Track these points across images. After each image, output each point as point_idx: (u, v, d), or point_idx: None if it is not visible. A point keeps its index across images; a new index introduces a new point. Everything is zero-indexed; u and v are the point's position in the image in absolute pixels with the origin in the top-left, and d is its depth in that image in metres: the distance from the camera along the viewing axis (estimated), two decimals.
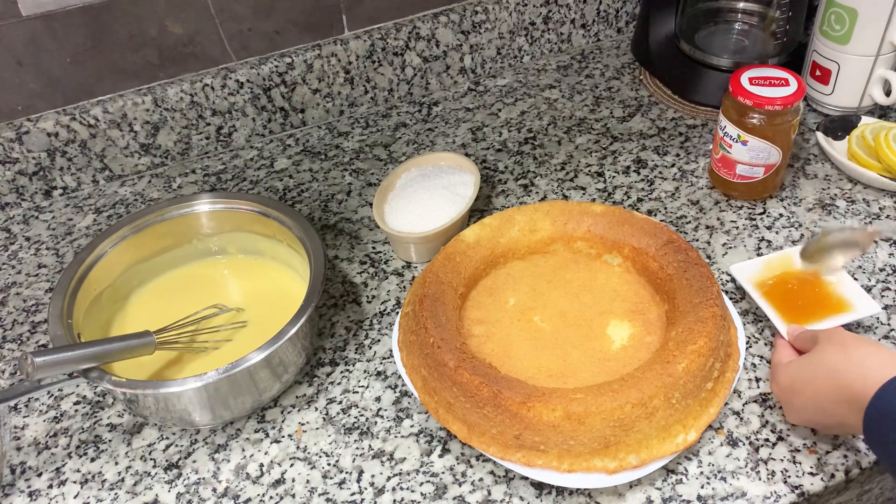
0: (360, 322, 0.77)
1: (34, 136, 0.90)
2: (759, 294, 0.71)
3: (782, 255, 0.74)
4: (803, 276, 0.72)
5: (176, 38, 0.91)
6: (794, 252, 0.73)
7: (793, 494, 0.61)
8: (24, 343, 0.79)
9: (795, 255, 0.73)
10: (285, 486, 0.64)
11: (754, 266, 0.73)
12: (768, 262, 0.73)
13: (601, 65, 1.09)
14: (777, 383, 0.63)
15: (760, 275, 0.73)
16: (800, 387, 0.60)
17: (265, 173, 0.96)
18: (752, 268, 0.73)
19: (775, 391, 0.63)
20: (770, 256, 0.74)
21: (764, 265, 0.73)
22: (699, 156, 0.92)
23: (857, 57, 0.89)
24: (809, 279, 0.72)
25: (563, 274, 0.74)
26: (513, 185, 0.91)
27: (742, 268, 0.73)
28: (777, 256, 0.74)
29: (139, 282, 0.78)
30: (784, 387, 0.62)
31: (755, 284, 0.72)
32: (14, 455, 0.69)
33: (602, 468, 0.59)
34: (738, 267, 0.73)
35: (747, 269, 0.73)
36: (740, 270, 0.73)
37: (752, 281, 0.72)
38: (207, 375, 0.62)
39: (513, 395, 0.60)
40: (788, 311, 0.69)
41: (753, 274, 0.73)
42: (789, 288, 0.71)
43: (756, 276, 0.73)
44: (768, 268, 0.73)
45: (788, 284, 0.72)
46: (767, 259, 0.74)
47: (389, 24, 1.00)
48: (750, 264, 0.73)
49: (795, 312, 0.69)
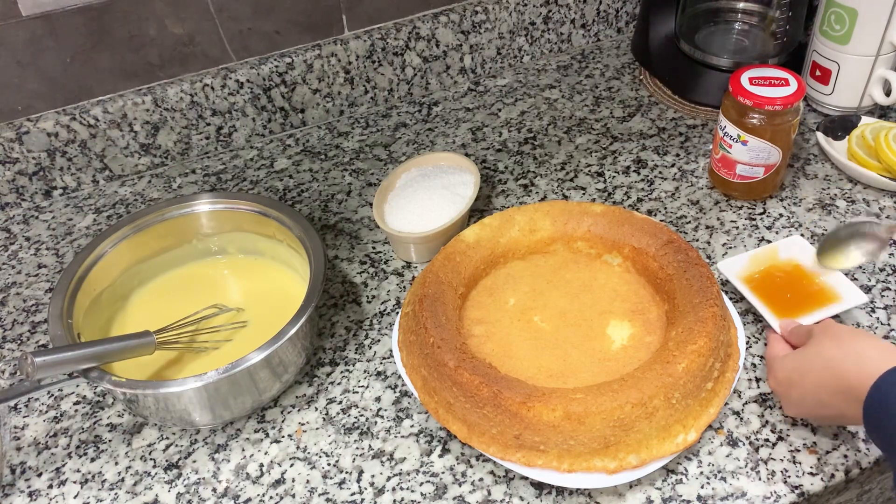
0: (360, 322, 0.77)
1: (34, 136, 0.90)
2: (748, 289, 0.71)
3: (769, 248, 0.74)
4: (789, 269, 0.73)
5: (176, 38, 0.91)
6: (780, 245, 0.74)
7: (793, 494, 0.61)
8: (24, 343, 0.79)
9: (781, 249, 0.74)
10: (285, 486, 0.64)
11: (741, 261, 0.74)
12: (755, 256, 0.74)
13: (601, 65, 1.09)
14: (774, 377, 0.63)
15: (747, 269, 0.73)
16: (797, 379, 0.60)
17: (265, 173, 0.96)
18: (739, 263, 0.74)
19: (772, 385, 0.64)
20: (756, 251, 0.74)
21: (750, 260, 0.74)
22: (699, 156, 0.92)
23: (857, 57, 0.89)
24: (795, 272, 0.72)
25: (563, 274, 0.74)
26: (513, 185, 0.91)
27: (729, 264, 0.74)
28: (763, 251, 0.74)
29: (139, 282, 0.78)
30: (781, 380, 0.62)
31: (743, 280, 0.72)
32: (14, 455, 0.69)
33: (602, 468, 0.59)
34: (725, 263, 0.74)
35: (735, 265, 0.74)
36: (728, 266, 0.74)
37: (740, 276, 0.73)
38: (207, 375, 0.62)
39: (513, 395, 0.60)
40: (777, 304, 0.70)
41: (741, 269, 0.73)
42: (776, 281, 0.72)
43: (743, 271, 0.73)
44: (755, 262, 0.74)
45: (775, 277, 0.72)
46: (754, 254, 0.74)
47: (389, 24, 1.00)
48: (737, 259, 0.74)
49: (784, 305, 0.70)
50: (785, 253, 0.74)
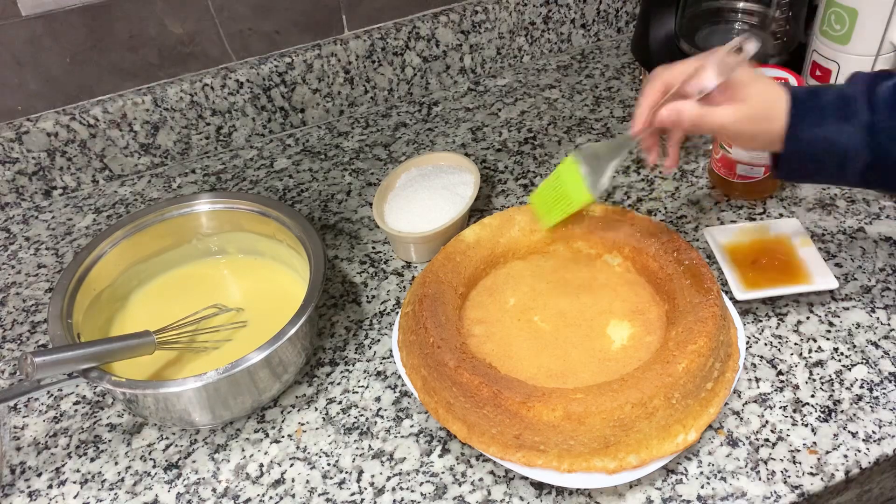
0: (359, 322, 0.77)
1: (34, 136, 0.90)
2: (724, 254, 0.75)
3: (760, 224, 0.77)
4: (773, 245, 0.76)
5: (176, 37, 0.91)
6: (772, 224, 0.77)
7: (793, 494, 0.61)
8: (24, 343, 0.79)
9: (772, 227, 0.77)
10: (285, 486, 0.64)
11: (727, 231, 0.77)
12: (743, 228, 0.77)
13: (601, 65, 1.09)
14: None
15: (731, 240, 0.77)
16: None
17: (265, 173, 0.96)
18: (725, 232, 0.77)
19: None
20: (746, 224, 0.78)
21: (738, 231, 0.77)
22: (699, 156, 0.92)
23: (857, 57, 0.89)
24: (778, 248, 0.76)
25: (563, 274, 0.74)
26: (513, 185, 0.91)
27: (715, 231, 0.77)
28: (753, 225, 0.77)
29: (139, 282, 0.78)
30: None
31: (723, 246, 0.76)
32: (14, 455, 0.69)
33: (602, 468, 0.59)
34: (711, 230, 0.77)
35: (720, 233, 0.77)
36: (712, 233, 0.77)
37: (721, 243, 0.76)
38: (207, 375, 0.62)
39: (513, 395, 0.60)
40: (747, 274, 0.73)
41: (724, 238, 0.77)
42: (755, 253, 0.75)
43: (726, 240, 0.76)
44: (742, 234, 0.77)
45: (756, 250, 0.76)
46: (743, 226, 0.77)
47: (389, 24, 1.00)
48: (724, 229, 0.77)
49: (754, 276, 0.73)
50: (775, 230, 0.77)
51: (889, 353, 0.70)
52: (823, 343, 0.71)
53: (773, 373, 0.69)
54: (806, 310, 0.74)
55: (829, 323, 0.72)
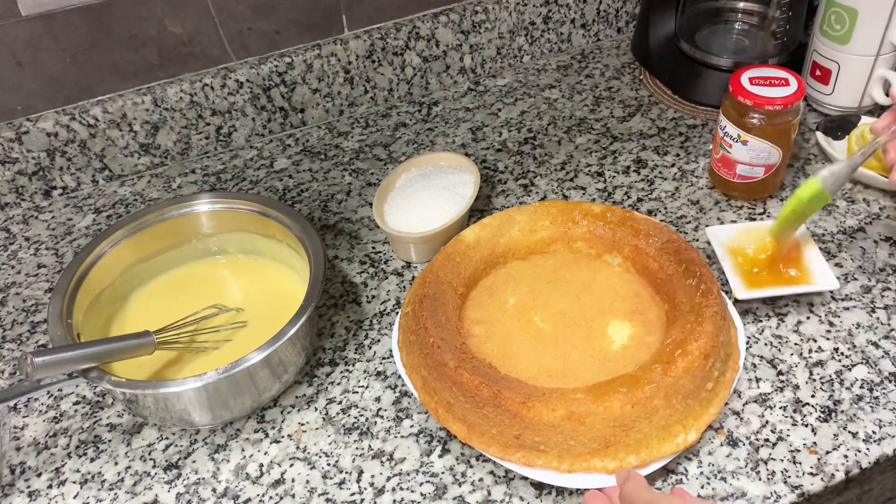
0: (359, 322, 0.77)
1: (34, 136, 0.90)
2: (726, 254, 0.74)
3: (761, 224, 0.76)
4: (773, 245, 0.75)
5: (176, 37, 0.91)
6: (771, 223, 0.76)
7: (793, 494, 0.61)
8: (24, 343, 0.79)
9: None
10: (285, 486, 0.64)
11: (729, 231, 0.76)
12: (745, 228, 0.76)
13: (601, 65, 1.09)
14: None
15: (734, 240, 0.76)
16: None
17: (265, 173, 0.96)
18: (727, 232, 0.76)
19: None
20: (748, 224, 0.77)
21: (739, 231, 0.76)
22: (699, 156, 0.92)
23: (857, 57, 0.89)
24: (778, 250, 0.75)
25: (563, 274, 0.74)
26: (513, 185, 0.91)
27: (716, 230, 0.76)
28: (755, 225, 0.76)
29: (139, 282, 0.78)
30: None
31: (725, 246, 0.75)
32: (14, 455, 0.69)
33: (602, 468, 0.59)
34: (713, 229, 0.76)
35: (721, 233, 0.76)
36: (714, 232, 0.76)
37: (723, 243, 0.75)
38: (207, 375, 0.62)
39: (513, 395, 0.60)
40: (749, 275, 0.73)
41: (726, 238, 0.76)
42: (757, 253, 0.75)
43: (728, 240, 0.76)
44: (744, 234, 0.76)
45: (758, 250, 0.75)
46: (745, 226, 0.76)
47: (389, 24, 1.00)
48: (725, 228, 0.77)
49: (756, 277, 0.73)
50: None
51: (889, 353, 0.70)
52: (823, 343, 0.71)
53: (774, 373, 0.69)
54: (806, 310, 0.74)
55: (829, 323, 0.72)
